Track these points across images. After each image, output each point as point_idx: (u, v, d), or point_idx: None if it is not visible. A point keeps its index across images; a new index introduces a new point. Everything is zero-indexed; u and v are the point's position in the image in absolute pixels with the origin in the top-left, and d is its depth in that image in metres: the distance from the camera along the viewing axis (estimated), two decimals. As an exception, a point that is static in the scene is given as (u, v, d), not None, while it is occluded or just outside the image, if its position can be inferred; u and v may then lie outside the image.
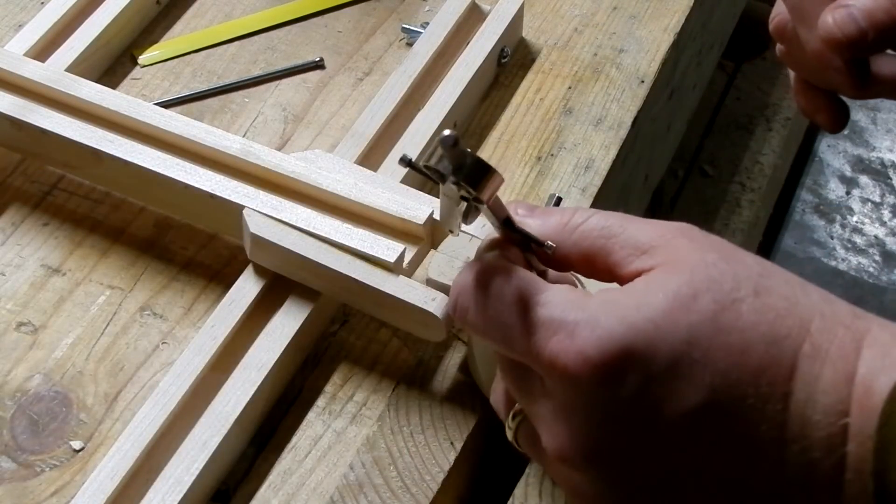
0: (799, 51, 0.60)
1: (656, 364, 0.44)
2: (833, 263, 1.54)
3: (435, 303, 0.58)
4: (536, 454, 0.51)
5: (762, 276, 0.46)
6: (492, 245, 0.51)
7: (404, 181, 0.66)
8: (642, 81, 0.77)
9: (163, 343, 0.64)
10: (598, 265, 0.49)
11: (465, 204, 0.50)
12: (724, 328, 0.45)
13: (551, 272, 0.51)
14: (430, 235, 0.62)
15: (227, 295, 0.62)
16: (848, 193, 1.61)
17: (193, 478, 0.56)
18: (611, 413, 0.45)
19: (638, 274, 0.47)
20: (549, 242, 0.49)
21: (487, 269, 0.49)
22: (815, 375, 0.44)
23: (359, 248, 0.61)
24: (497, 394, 0.53)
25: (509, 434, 0.52)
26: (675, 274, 0.46)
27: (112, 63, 0.78)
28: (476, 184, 0.47)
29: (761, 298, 0.46)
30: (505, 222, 0.49)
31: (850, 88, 0.59)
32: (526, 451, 0.52)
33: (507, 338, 0.47)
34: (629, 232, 0.48)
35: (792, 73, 0.64)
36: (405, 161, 0.48)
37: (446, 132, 0.45)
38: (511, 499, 0.57)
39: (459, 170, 0.46)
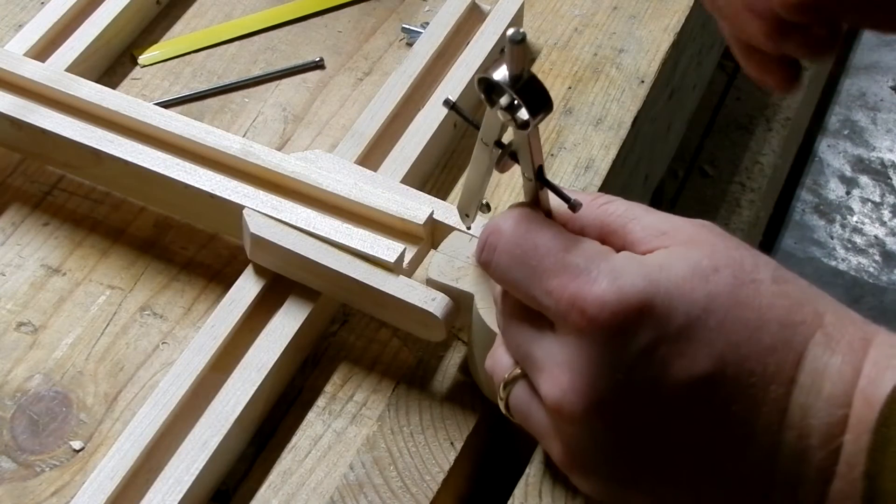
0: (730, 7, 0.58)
1: (671, 324, 0.45)
2: (833, 263, 1.54)
3: (435, 303, 0.58)
4: (527, 418, 0.51)
5: (780, 268, 0.47)
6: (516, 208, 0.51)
7: (404, 181, 0.66)
8: (642, 81, 0.77)
9: (163, 343, 0.64)
10: (615, 243, 0.49)
11: (500, 151, 0.51)
12: (742, 303, 0.45)
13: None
14: (430, 235, 0.62)
15: (227, 295, 0.62)
16: (848, 193, 1.61)
17: (193, 478, 0.56)
18: (619, 365, 0.45)
19: (656, 250, 0.48)
20: (576, 199, 0.49)
21: (520, 215, 0.50)
22: (824, 364, 0.45)
23: (359, 248, 0.61)
24: (495, 357, 0.53)
25: (501, 405, 0.52)
26: (697, 248, 0.47)
27: (112, 63, 0.78)
28: (531, 101, 0.47)
29: (779, 285, 0.46)
30: (539, 170, 0.50)
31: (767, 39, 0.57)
32: (517, 417, 0.52)
33: (529, 277, 0.48)
34: (651, 218, 0.49)
35: (728, 37, 0.60)
36: (449, 104, 0.50)
37: (513, 29, 0.45)
38: (511, 499, 0.57)
39: (517, 80, 0.46)
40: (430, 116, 0.70)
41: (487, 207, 0.59)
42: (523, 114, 0.47)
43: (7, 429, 0.60)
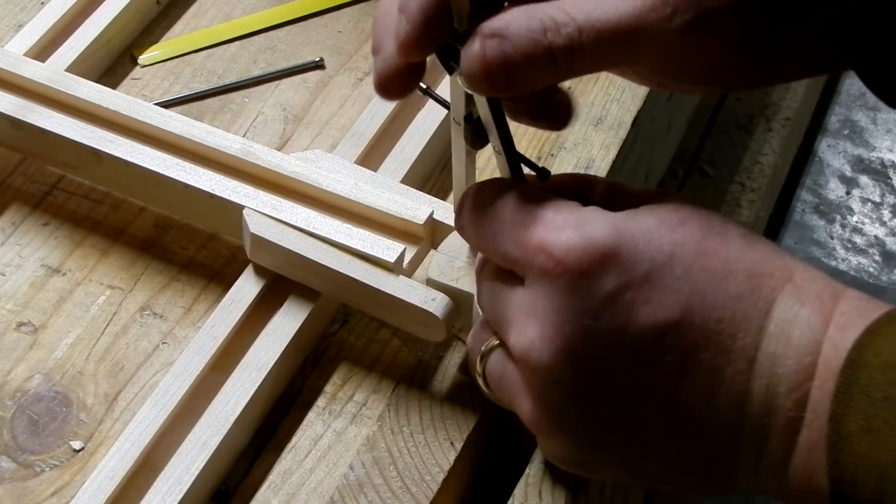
0: None
1: (637, 270, 0.45)
2: (833, 263, 1.54)
3: (435, 303, 0.58)
4: (501, 383, 0.51)
5: (751, 231, 0.48)
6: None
7: (404, 181, 0.66)
8: (642, 81, 0.77)
9: (163, 343, 0.64)
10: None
11: (470, 127, 0.52)
12: (708, 252, 0.46)
13: None
14: (430, 235, 0.62)
15: (227, 295, 0.62)
16: (848, 193, 1.61)
17: (193, 478, 0.56)
18: (585, 310, 0.46)
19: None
20: (545, 168, 0.52)
21: (489, 181, 0.52)
22: (794, 314, 0.45)
23: (359, 248, 0.61)
24: (473, 333, 0.54)
25: (479, 380, 0.53)
26: (665, 204, 0.48)
27: (112, 63, 0.78)
28: None
29: (748, 240, 0.47)
30: (505, 139, 0.51)
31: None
32: (493, 385, 0.52)
33: (500, 231, 0.49)
34: (628, 188, 0.51)
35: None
36: (422, 89, 0.52)
37: None
38: (511, 499, 0.57)
39: (467, 36, 0.47)
40: (430, 116, 0.70)
41: None
42: None
43: (7, 429, 0.60)
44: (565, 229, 0.47)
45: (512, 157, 0.52)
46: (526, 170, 0.53)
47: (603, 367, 0.46)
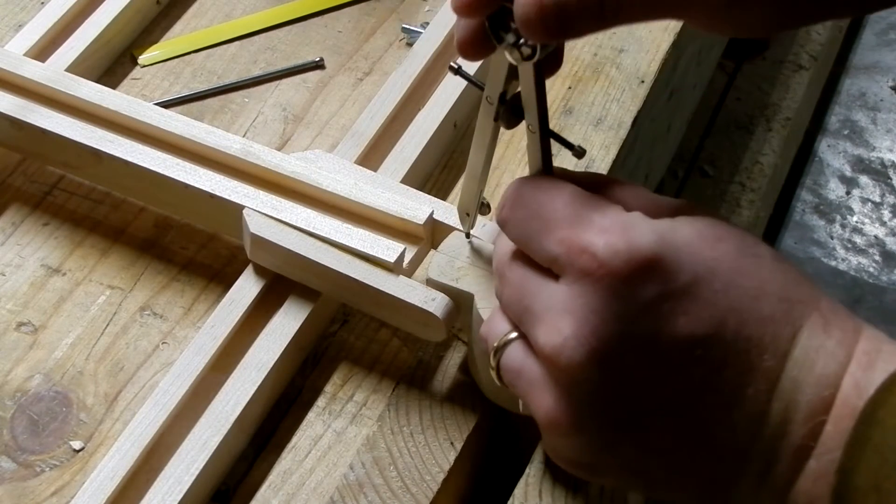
0: None
1: (678, 280, 0.45)
2: (833, 263, 1.54)
3: (435, 303, 0.58)
4: (518, 376, 0.51)
5: (780, 253, 0.48)
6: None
7: (404, 181, 0.66)
8: (642, 81, 0.77)
9: (163, 343, 0.64)
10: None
11: (504, 107, 0.53)
12: (744, 271, 0.46)
13: None
14: (430, 235, 0.62)
15: (227, 295, 0.62)
16: (848, 193, 1.61)
17: (193, 478, 0.56)
18: (623, 314, 0.46)
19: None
20: (580, 146, 0.52)
21: (533, 177, 0.52)
22: (819, 343, 0.45)
23: (359, 248, 0.61)
24: (490, 323, 0.53)
25: (493, 373, 0.52)
26: (703, 218, 0.48)
27: (112, 63, 0.78)
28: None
29: (779, 263, 0.47)
30: (543, 117, 0.52)
31: None
32: (507, 377, 0.52)
33: (543, 228, 0.49)
34: (654, 195, 0.51)
35: None
36: (454, 69, 0.53)
37: None
38: (511, 499, 0.57)
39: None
40: (430, 116, 0.70)
41: (487, 207, 0.59)
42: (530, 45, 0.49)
43: (7, 429, 0.60)
44: (611, 232, 0.47)
45: (546, 134, 0.52)
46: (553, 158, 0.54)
47: (633, 372, 0.46)
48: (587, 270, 0.46)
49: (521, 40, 0.49)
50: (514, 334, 0.51)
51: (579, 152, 0.52)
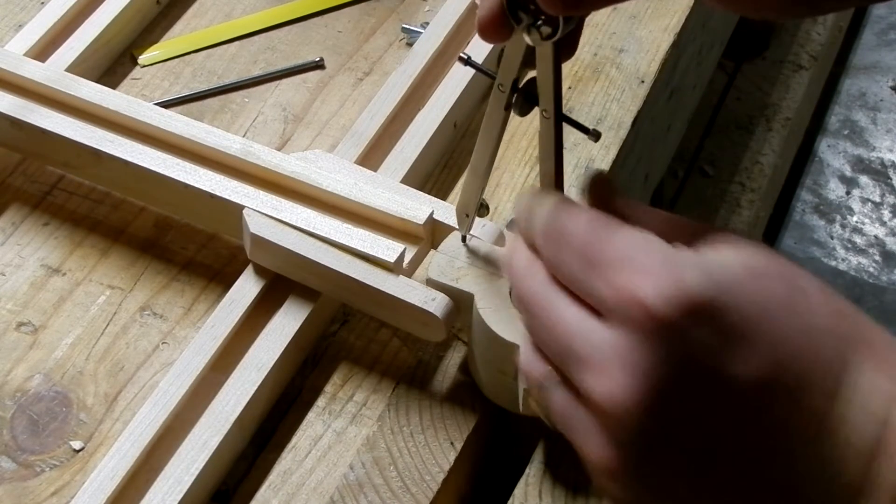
0: None
1: (733, 324, 0.44)
2: (833, 263, 1.54)
3: (435, 303, 0.58)
4: (569, 419, 0.48)
5: (823, 280, 0.46)
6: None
7: (404, 181, 0.66)
8: (642, 81, 0.77)
9: (163, 343, 0.64)
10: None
11: (517, 95, 0.53)
12: (796, 308, 0.45)
13: None
14: (430, 235, 0.62)
15: (227, 295, 0.62)
16: (848, 193, 1.61)
17: (193, 478, 0.56)
18: (674, 362, 0.44)
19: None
20: (595, 129, 0.51)
21: (565, 201, 0.49)
22: (869, 380, 0.44)
23: (359, 248, 0.61)
24: (526, 359, 0.50)
25: (540, 411, 0.50)
26: (740, 246, 0.46)
27: (112, 63, 0.78)
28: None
29: (825, 295, 0.46)
30: (558, 100, 0.51)
31: None
32: (559, 421, 0.49)
33: (585, 269, 0.46)
34: (667, 214, 0.49)
35: None
36: (464, 59, 0.54)
37: None
38: (511, 499, 0.57)
39: None
40: (430, 116, 0.70)
41: (486, 209, 0.59)
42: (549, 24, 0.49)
43: (7, 429, 0.60)
44: (658, 275, 0.44)
45: (560, 118, 0.52)
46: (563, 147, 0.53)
47: (689, 420, 0.45)
48: (637, 321, 0.44)
49: (540, 21, 0.49)
50: (558, 378, 0.48)
51: (595, 135, 0.51)
